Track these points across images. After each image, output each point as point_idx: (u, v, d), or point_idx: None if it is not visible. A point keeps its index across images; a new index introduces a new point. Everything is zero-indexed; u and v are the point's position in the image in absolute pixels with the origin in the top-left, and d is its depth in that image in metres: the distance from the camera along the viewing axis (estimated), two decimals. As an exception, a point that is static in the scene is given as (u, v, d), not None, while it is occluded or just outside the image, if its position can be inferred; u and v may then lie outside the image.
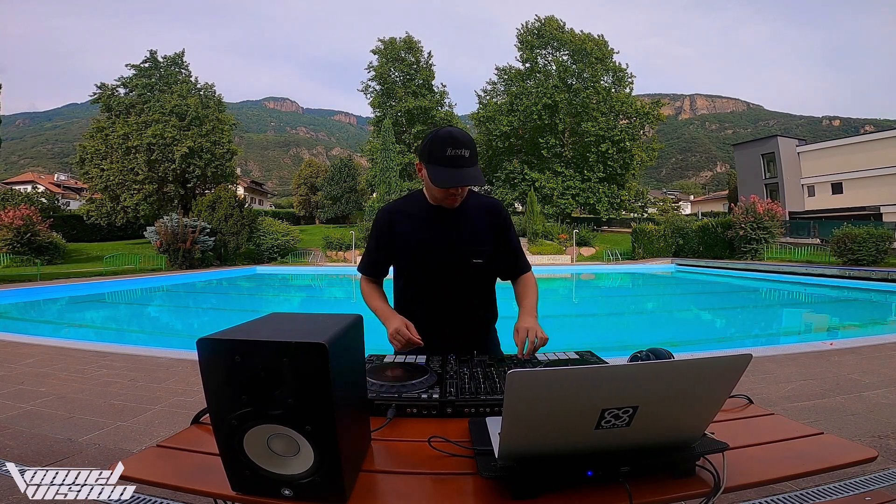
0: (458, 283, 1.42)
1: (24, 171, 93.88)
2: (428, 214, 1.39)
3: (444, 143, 1.22)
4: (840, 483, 1.72)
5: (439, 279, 1.40)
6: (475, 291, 1.46)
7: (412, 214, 1.40)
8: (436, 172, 1.24)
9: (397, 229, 1.40)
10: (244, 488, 0.67)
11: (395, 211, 1.43)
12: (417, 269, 1.41)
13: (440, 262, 1.39)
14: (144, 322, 8.72)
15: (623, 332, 7.25)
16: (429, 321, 1.41)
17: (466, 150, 1.22)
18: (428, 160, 1.26)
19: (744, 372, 0.67)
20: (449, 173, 1.23)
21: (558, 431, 0.66)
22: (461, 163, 1.22)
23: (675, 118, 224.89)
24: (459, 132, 1.24)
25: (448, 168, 1.22)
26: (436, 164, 1.24)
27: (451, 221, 1.38)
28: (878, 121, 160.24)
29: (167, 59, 26.67)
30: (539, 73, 30.61)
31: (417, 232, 1.39)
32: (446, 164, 1.22)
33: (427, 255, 1.38)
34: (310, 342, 0.61)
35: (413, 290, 1.45)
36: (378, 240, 1.44)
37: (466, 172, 1.23)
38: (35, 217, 18.16)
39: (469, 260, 1.40)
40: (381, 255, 1.45)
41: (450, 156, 1.21)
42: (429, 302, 1.43)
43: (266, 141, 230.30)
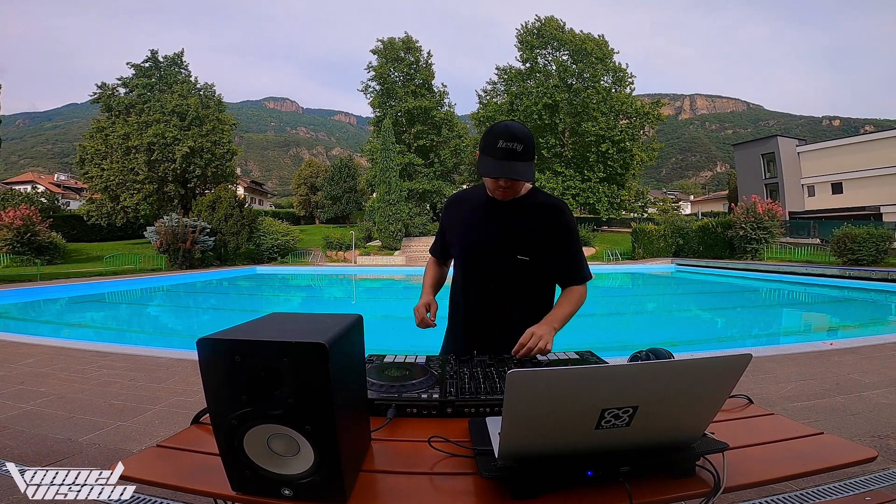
0: (500, 277, 1.41)
1: (24, 171, 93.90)
2: (483, 205, 1.41)
3: (498, 134, 1.21)
4: (840, 483, 1.72)
5: (483, 270, 1.42)
6: (520, 288, 1.42)
7: (469, 203, 1.45)
8: (484, 162, 1.25)
9: (452, 216, 1.49)
10: (244, 488, 0.67)
11: (456, 198, 1.52)
12: (463, 258, 1.46)
13: (484, 254, 1.40)
14: (144, 322, 8.72)
15: (623, 332, 7.25)
16: (470, 310, 1.46)
17: (520, 144, 1.20)
18: (482, 150, 1.27)
19: (744, 372, 0.67)
20: (495, 164, 1.22)
21: (558, 431, 0.66)
22: (511, 156, 1.21)
23: (675, 118, 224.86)
24: (518, 126, 1.22)
25: (496, 159, 1.22)
26: (486, 155, 1.24)
27: (505, 215, 1.38)
28: (878, 121, 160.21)
29: (167, 58, 26.67)
30: (539, 73, 30.58)
31: (467, 221, 1.44)
32: (496, 155, 1.22)
33: (472, 244, 1.42)
34: (310, 342, 0.61)
35: (461, 278, 1.49)
36: (443, 223, 1.55)
37: (513, 165, 1.21)
38: (35, 217, 18.15)
39: (514, 255, 1.37)
40: (443, 238, 1.56)
41: (501, 147, 1.21)
42: (473, 291, 1.45)
43: (266, 141, 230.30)
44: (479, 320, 1.44)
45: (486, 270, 1.42)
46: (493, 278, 1.41)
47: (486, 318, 1.44)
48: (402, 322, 1.52)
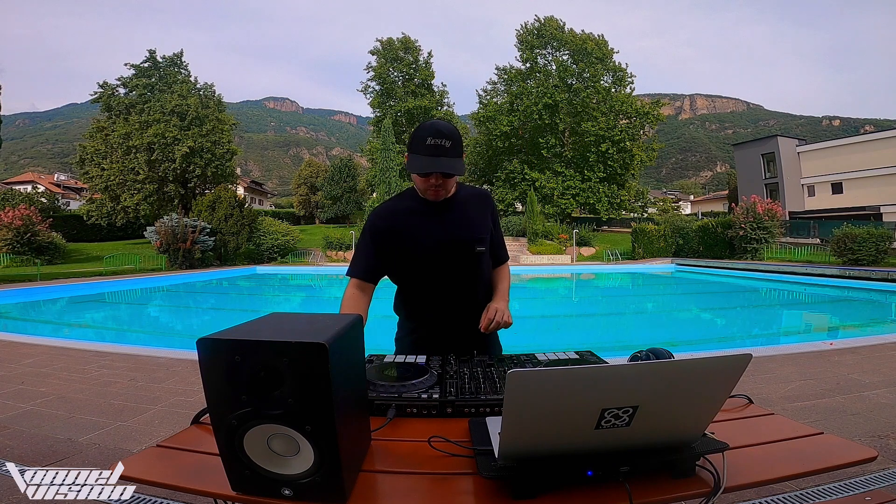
0: (465, 274, 1.40)
1: (24, 171, 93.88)
2: (425, 208, 1.37)
3: (426, 132, 1.21)
4: (840, 483, 1.72)
5: (447, 271, 1.38)
6: (481, 281, 1.45)
7: (410, 211, 1.38)
8: (414, 161, 1.24)
9: (399, 228, 1.36)
10: (244, 488, 0.67)
11: (384, 211, 1.40)
12: (425, 265, 1.38)
13: (447, 253, 1.37)
14: (144, 322, 8.72)
15: (623, 332, 7.25)
16: (438, 318, 1.42)
17: (448, 140, 1.21)
18: (410, 149, 1.26)
19: (744, 372, 0.67)
20: (426, 160, 1.22)
21: (558, 431, 0.66)
22: (441, 152, 1.21)
23: (675, 118, 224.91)
24: (444, 124, 1.24)
25: (427, 157, 1.22)
26: (415, 153, 1.24)
27: (449, 212, 1.38)
28: (878, 121, 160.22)
29: (166, 59, 26.67)
30: (539, 72, 30.59)
31: (420, 227, 1.36)
32: (426, 152, 1.21)
33: (434, 248, 1.36)
34: (310, 342, 0.61)
35: (420, 289, 1.43)
36: (376, 242, 1.37)
37: (443, 161, 1.22)
38: (35, 217, 18.16)
39: (473, 248, 1.39)
40: (378, 258, 1.38)
41: (429, 145, 1.21)
42: (437, 298, 1.41)
43: (266, 141, 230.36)
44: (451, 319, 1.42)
45: (451, 270, 1.39)
46: (459, 275, 1.40)
47: (460, 315, 1.42)
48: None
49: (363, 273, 1.38)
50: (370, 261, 1.38)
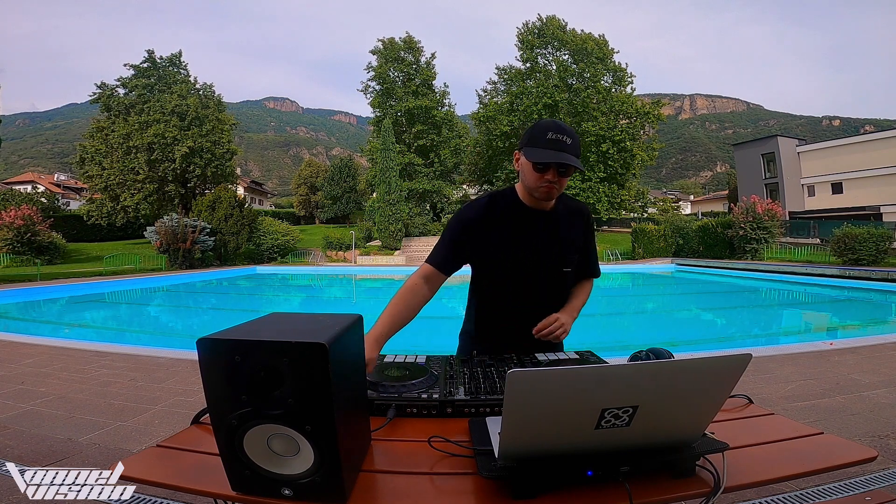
0: (545, 291, 1.36)
1: (24, 171, 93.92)
2: (521, 216, 1.31)
3: (547, 127, 1.18)
4: (840, 483, 1.72)
5: (526, 286, 1.33)
6: (559, 299, 1.40)
7: (506, 214, 1.32)
8: (533, 152, 1.19)
9: (489, 229, 1.30)
10: (244, 488, 0.67)
11: (486, 208, 1.32)
12: (503, 274, 1.32)
13: (530, 269, 1.32)
14: (144, 322, 8.71)
15: (623, 332, 7.25)
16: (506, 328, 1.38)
17: (569, 137, 1.18)
18: (528, 143, 1.21)
19: (744, 372, 0.67)
20: (548, 152, 1.17)
21: (558, 431, 0.66)
22: (562, 147, 1.17)
23: (675, 118, 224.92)
24: (565, 123, 1.22)
25: (548, 149, 1.18)
26: (534, 146, 1.19)
27: (545, 225, 1.32)
28: (878, 121, 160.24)
29: (165, 59, 26.67)
30: (539, 72, 30.58)
31: (512, 234, 1.30)
32: (547, 146, 1.17)
33: (517, 260, 1.31)
34: (310, 342, 0.61)
35: (494, 295, 1.38)
36: (460, 237, 1.31)
37: (566, 155, 1.18)
38: (35, 217, 18.16)
39: (560, 268, 1.34)
40: (457, 253, 1.32)
41: (551, 139, 1.17)
42: (509, 309, 1.36)
43: (266, 141, 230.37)
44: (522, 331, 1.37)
45: (530, 286, 1.34)
46: (540, 292, 1.35)
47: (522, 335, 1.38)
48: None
49: (440, 262, 1.32)
50: (450, 255, 1.33)
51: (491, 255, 1.32)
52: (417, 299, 1.29)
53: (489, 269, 1.35)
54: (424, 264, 1.34)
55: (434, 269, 1.32)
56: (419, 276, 1.31)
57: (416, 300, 1.28)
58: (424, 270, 1.32)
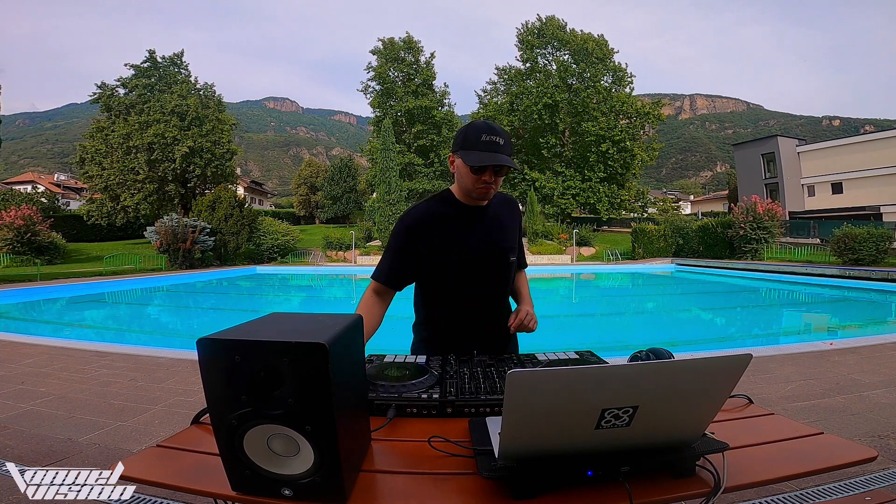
0: (496, 282, 1.39)
1: (24, 171, 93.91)
2: (461, 213, 1.35)
3: (480, 129, 1.23)
4: (840, 483, 1.72)
5: (480, 279, 1.36)
6: (507, 290, 1.46)
7: (445, 215, 1.34)
8: (470, 155, 1.23)
9: (434, 232, 1.32)
10: (244, 488, 0.67)
11: (427, 213, 1.34)
12: (457, 272, 1.34)
13: (481, 261, 1.35)
14: (144, 322, 8.72)
15: (623, 332, 7.25)
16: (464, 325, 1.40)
17: (501, 138, 1.23)
18: (462, 146, 1.25)
19: (744, 372, 0.67)
20: (485, 155, 1.22)
21: (558, 431, 0.66)
22: (496, 148, 1.22)
23: (675, 118, 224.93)
24: (495, 124, 1.27)
25: (483, 152, 1.22)
26: (470, 150, 1.23)
27: (484, 219, 1.37)
28: (878, 121, 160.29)
29: (166, 59, 26.68)
30: (539, 72, 30.60)
31: (456, 232, 1.33)
32: (482, 148, 1.22)
33: (469, 255, 1.34)
34: (310, 342, 0.61)
35: (448, 297, 1.38)
36: (407, 245, 1.32)
37: (500, 156, 1.23)
38: (35, 217, 18.16)
39: (507, 256, 1.39)
40: (406, 263, 1.33)
41: (485, 141, 1.21)
42: (466, 305, 1.38)
43: (266, 141, 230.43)
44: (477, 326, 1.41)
45: (484, 280, 1.37)
46: (490, 283, 1.39)
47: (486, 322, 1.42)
48: (402, 322, 1.52)
49: (386, 278, 1.34)
50: (396, 266, 1.34)
51: (440, 257, 1.33)
52: (373, 318, 1.31)
53: (440, 271, 1.35)
54: (372, 280, 1.36)
55: (381, 285, 1.35)
56: (371, 292, 1.35)
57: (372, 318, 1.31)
58: (373, 286, 1.36)
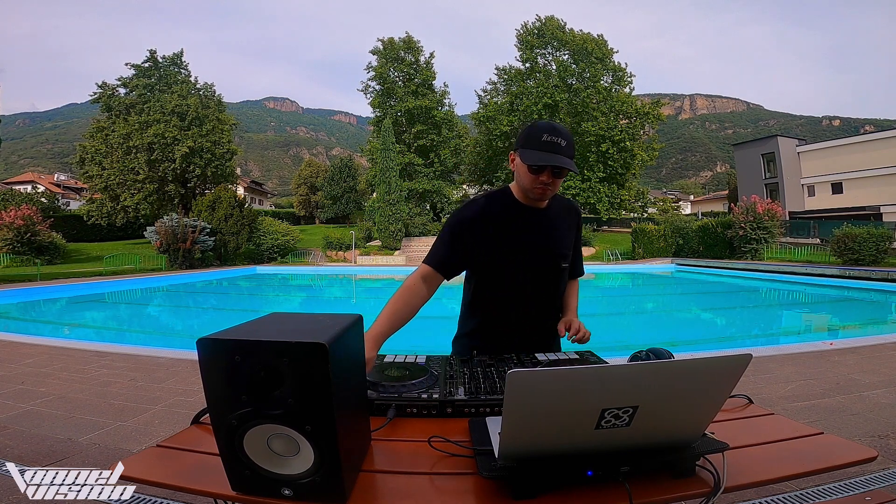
0: (545, 287, 1.38)
1: (24, 171, 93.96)
2: (519, 214, 1.33)
3: (542, 129, 1.20)
4: (840, 483, 1.72)
5: (528, 282, 1.35)
6: (558, 295, 1.43)
7: (502, 212, 1.33)
8: (529, 154, 1.21)
9: (488, 227, 1.31)
10: (244, 488, 0.67)
11: (483, 207, 1.33)
12: (506, 272, 1.33)
13: (532, 265, 1.34)
14: (144, 322, 8.71)
15: (623, 332, 7.25)
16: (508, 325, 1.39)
17: (564, 140, 1.20)
18: (523, 145, 1.23)
19: (744, 372, 0.67)
20: (544, 155, 1.20)
21: (558, 431, 0.66)
22: (556, 149, 1.20)
23: (675, 118, 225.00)
24: (560, 124, 1.24)
25: (543, 152, 1.20)
26: (529, 148, 1.22)
27: (541, 222, 1.35)
28: (878, 121, 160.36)
29: (166, 59, 26.67)
30: (539, 72, 30.58)
31: (510, 231, 1.32)
32: (542, 148, 1.20)
33: (520, 256, 1.33)
34: (310, 342, 0.61)
35: (495, 294, 1.37)
36: (460, 236, 1.31)
37: (560, 157, 1.20)
38: (35, 217, 18.16)
39: (559, 263, 1.38)
40: (457, 252, 1.32)
41: (546, 141, 1.19)
42: (512, 306, 1.37)
43: (266, 141, 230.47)
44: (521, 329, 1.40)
45: (532, 281, 1.35)
46: (539, 287, 1.37)
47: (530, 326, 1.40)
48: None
49: (438, 262, 1.31)
50: (450, 253, 1.32)
51: (492, 253, 1.32)
52: (416, 299, 1.28)
53: (490, 267, 1.34)
54: (423, 265, 1.33)
55: (432, 269, 1.31)
56: (418, 277, 1.31)
57: (415, 300, 1.27)
58: (423, 271, 1.32)
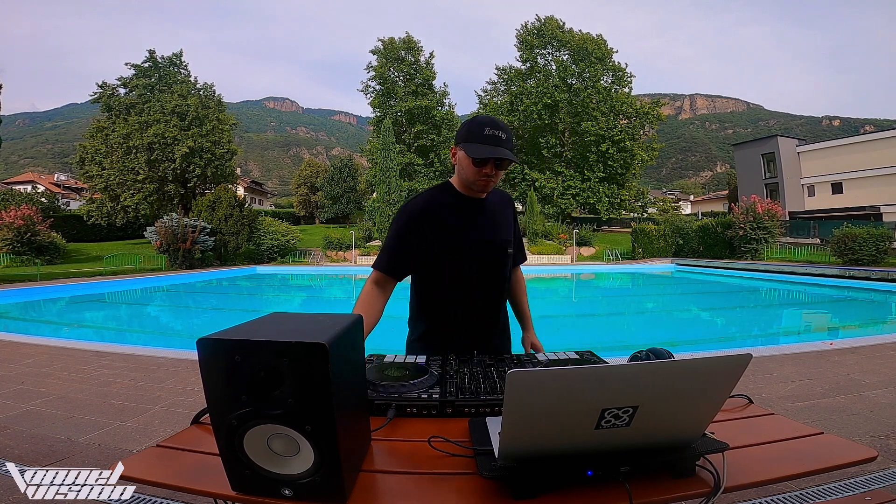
0: (494, 275, 1.42)
1: (24, 171, 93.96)
2: (461, 205, 1.36)
3: (483, 123, 1.25)
4: (840, 483, 1.72)
5: (477, 271, 1.38)
6: (505, 282, 1.47)
7: (447, 206, 1.35)
8: (473, 147, 1.25)
9: (433, 222, 1.33)
10: (244, 488, 0.67)
11: (427, 203, 1.35)
12: (455, 263, 1.36)
13: (480, 252, 1.38)
14: (144, 322, 8.72)
15: (623, 332, 7.25)
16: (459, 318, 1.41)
17: (504, 133, 1.26)
18: (465, 139, 1.27)
19: (744, 372, 0.67)
20: (487, 148, 1.24)
21: (558, 431, 0.66)
22: (498, 142, 1.25)
23: (675, 118, 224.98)
24: (498, 119, 1.29)
25: (486, 145, 1.24)
26: (472, 142, 1.26)
27: (482, 212, 1.39)
28: (878, 121, 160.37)
29: (165, 59, 26.68)
30: (539, 72, 30.60)
31: (455, 223, 1.35)
32: (484, 141, 1.24)
33: (468, 246, 1.36)
34: (310, 342, 0.61)
35: (445, 287, 1.39)
36: (407, 235, 1.33)
37: (502, 150, 1.25)
38: (35, 217, 18.16)
39: (505, 250, 1.42)
40: (407, 252, 1.34)
41: (487, 134, 1.24)
42: (462, 297, 1.39)
43: (266, 141, 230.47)
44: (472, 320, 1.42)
45: (481, 269, 1.39)
46: (487, 275, 1.41)
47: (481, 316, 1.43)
48: (402, 322, 1.51)
49: (386, 266, 1.34)
50: (397, 254, 1.35)
51: (440, 244, 1.34)
52: (373, 309, 1.31)
53: (439, 259, 1.36)
54: (374, 270, 1.36)
55: (383, 274, 1.35)
56: (371, 283, 1.35)
57: (371, 310, 1.31)
58: (374, 277, 1.35)
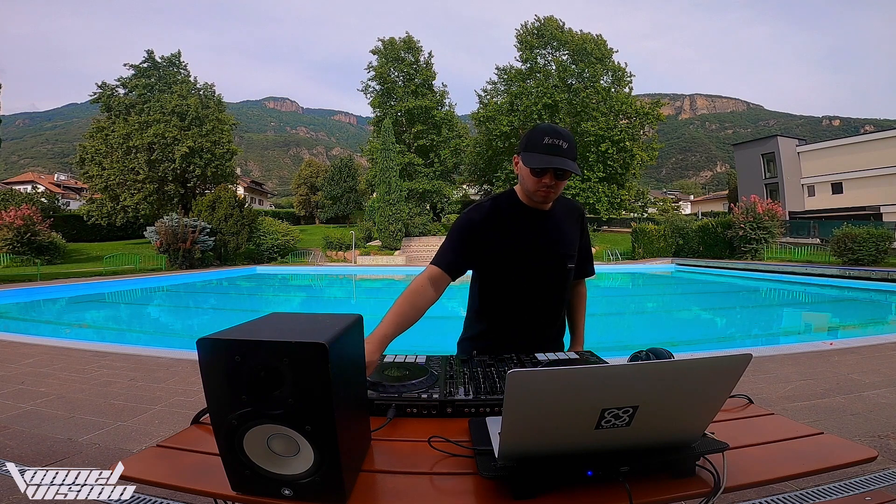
0: (551, 288, 1.39)
1: (24, 171, 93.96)
2: (524, 215, 1.34)
3: (544, 132, 1.21)
4: (840, 483, 1.72)
5: (534, 283, 1.36)
6: (563, 296, 1.43)
7: (510, 216, 1.34)
8: (531, 157, 1.21)
9: (496, 228, 1.33)
10: (244, 488, 0.67)
11: (490, 209, 1.34)
12: (513, 272, 1.35)
13: (539, 265, 1.35)
14: (144, 322, 8.71)
15: (623, 332, 7.25)
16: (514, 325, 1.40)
17: (565, 142, 1.21)
18: (525, 148, 1.24)
19: (744, 372, 0.67)
20: (545, 157, 1.20)
21: (558, 431, 0.66)
22: (558, 152, 1.20)
23: (675, 118, 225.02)
24: (561, 126, 1.25)
25: (545, 154, 1.20)
26: (531, 152, 1.22)
27: (546, 223, 1.36)
28: (878, 121, 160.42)
29: (165, 59, 26.68)
30: (539, 72, 30.57)
31: (516, 232, 1.33)
32: (543, 150, 1.20)
33: (526, 257, 1.33)
34: (310, 342, 0.61)
35: (502, 295, 1.38)
36: (468, 238, 1.33)
37: (562, 159, 1.20)
38: (35, 217, 18.16)
39: (565, 263, 1.38)
40: (465, 254, 1.33)
41: (547, 143, 1.20)
42: (519, 306, 1.38)
43: (266, 141, 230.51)
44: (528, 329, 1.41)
45: (538, 282, 1.36)
46: (545, 288, 1.38)
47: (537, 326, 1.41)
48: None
49: (447, 264, 1.31)
50: (457, 255, 1.33)
51: (500, 254, 1.33)
52: (423, 301, 1.27)
53: (497, 269, 1.36)
54: (430, 266, 1.33)
55: (440, 270, 1.31)
56: (425, 278, 1.30)
57: (421, 301, 1.26)
58: (430, 272, 1.31)
